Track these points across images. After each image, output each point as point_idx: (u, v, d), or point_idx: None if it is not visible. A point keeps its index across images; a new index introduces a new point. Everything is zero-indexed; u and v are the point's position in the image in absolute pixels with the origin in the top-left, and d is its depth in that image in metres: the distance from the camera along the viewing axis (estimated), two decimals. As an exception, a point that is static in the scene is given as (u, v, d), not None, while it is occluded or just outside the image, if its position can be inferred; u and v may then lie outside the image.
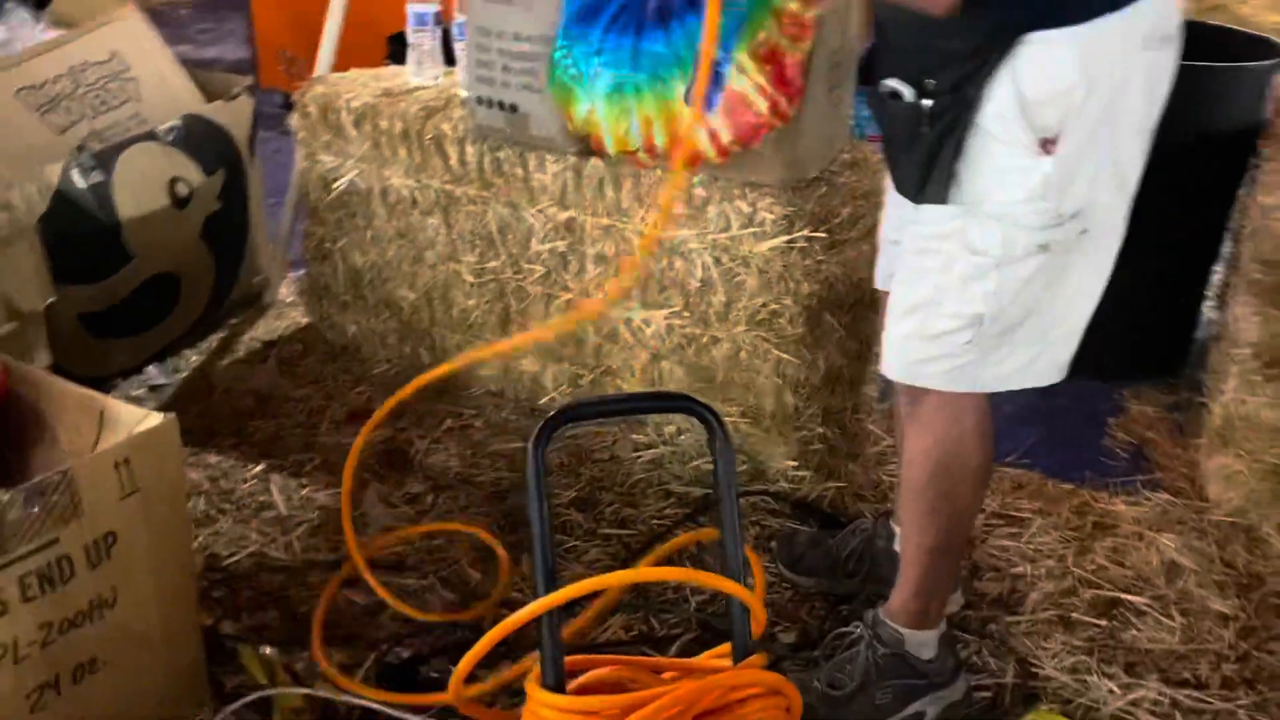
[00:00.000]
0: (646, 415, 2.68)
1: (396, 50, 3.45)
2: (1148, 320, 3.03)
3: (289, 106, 3.04)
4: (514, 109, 2.51)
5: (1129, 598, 2.32)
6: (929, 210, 1.80)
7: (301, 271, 3.14)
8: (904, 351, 1.89)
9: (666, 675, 1.63)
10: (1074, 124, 1.69)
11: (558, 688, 1.55)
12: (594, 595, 2.13)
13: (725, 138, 2.21)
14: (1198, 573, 2.39)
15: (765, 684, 1.58)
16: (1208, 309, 3.15)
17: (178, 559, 1.88)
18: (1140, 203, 1.90)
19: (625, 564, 2.31)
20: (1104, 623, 2.27)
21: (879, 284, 2.12)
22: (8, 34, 2.90)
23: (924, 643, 2.03)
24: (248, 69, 4.42)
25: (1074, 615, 2.29)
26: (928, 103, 1.73)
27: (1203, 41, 2.98)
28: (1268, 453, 2.50)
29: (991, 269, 1.76)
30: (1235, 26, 3.30)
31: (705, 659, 1.71)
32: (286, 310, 3.16)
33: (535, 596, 1.57)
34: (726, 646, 1.68)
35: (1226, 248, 3.08)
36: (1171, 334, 3.12)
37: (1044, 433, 2.71)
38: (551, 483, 2.54)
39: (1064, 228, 1.74)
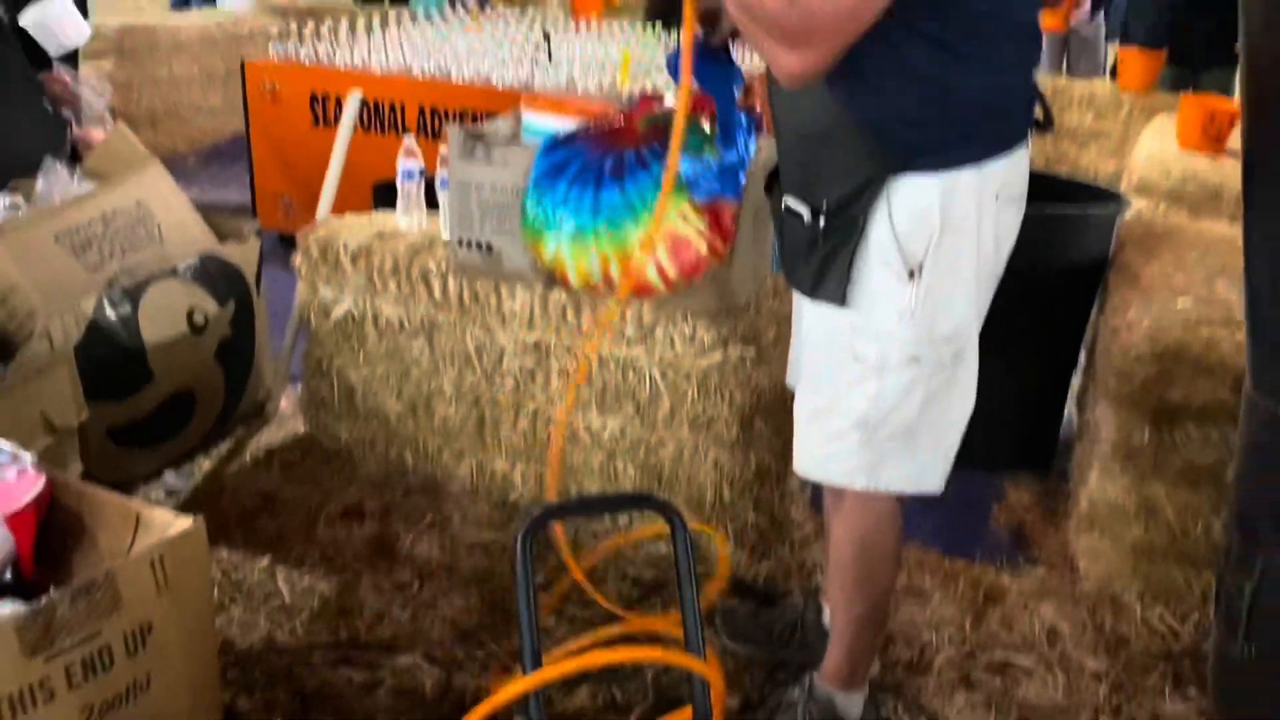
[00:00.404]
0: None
1: (381, 196, 3.47)
2: (1022, 419, 3.09)
3: (285, 243, 3.06)
4: (490, 248, 2.55)
5: (1018, 660, 2.33)
6: (824, 309, 1.82)
7: (300, 386, 3.12)
8: (810, 451, 1.92)
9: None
10: (935, 256, 1.73)
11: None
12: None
13: (671, 273, 2.25)
14: (1073, 637, 2.40)
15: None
16: (1070, 410, 3.20)
17: (204, 644, 1.86)
18: (1014, 322, 1.98)
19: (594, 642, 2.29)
20: (999, 682, 2.28)
21: (789, 382, 2.17)
22: (47, 186, 2.90)
23: (852, 703, 2.04)
24: (248, 211, 4.42)
25: (973, 675, 2.29)
26: (821, 222, 1.76)
27: (1057, 188, 3.13)
28: (1126, 533, 2.53)
29: (872, 376, 1.79)
30: (1079, 176, 3.46)
31: (670, 723, 1.72)
32: (287, 420, 3.12)
33: (524, 673, 1.58)
34: (685, 712, 1.69)
35: (1083, 359, 3.15)
36: (1041, 431, 3.17)
37: (940, 516, 2.70)
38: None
39: (935, 346, 1.78)
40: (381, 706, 2.12)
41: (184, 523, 1.76)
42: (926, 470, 1.86)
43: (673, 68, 1.99)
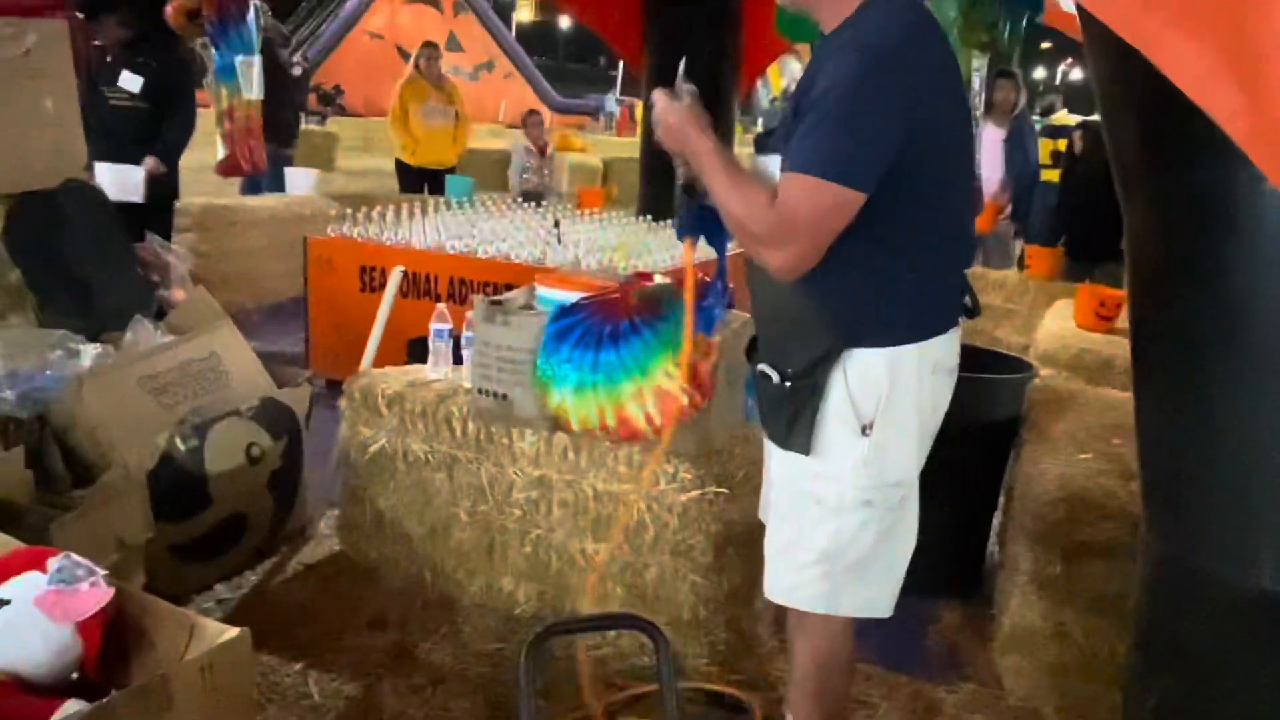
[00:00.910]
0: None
1: (415, 350, 3.48)
2: (952, 551, 3.04)
3: (333, 388, 3.03)
4: (504, 397, 2.55)
5: None
6: (791, 457, 1.80)
7: (336, 511, 3.07)
8: (780, 580, 1.87)
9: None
10: (884, 416, 1.73)
11: None
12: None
13: (658, 421, 2.25)
14: None
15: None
16: (992, 544, 3.16)
17: None
18: (946, 470, 1.97)
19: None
20: None
21: (761, 516, 2.14)
22: (134, 339, 2.91)
23: None
24: (302, 360, 4.42)
25: None
26: (788, 385, 1.77)
27: (979, 358, 3.16)
28: (1043, 653, 2.46)
29: (831, 516, 1.77)
30: (996, 348, 3.50)
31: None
32: (324, 540, 3.06)
33: None
34: None
35: (1002, 501, 3.12)
36: (969, 562, 3.12)
37: (883, 635, 2.61)
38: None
39: (885, 491, 1.76)
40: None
41: (231, 632, 1.70)
42: (878, 597, 1.82)
43: (681, 228, 2.02)
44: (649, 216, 5.34)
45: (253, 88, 5.47)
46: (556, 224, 4.62)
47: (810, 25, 4.23)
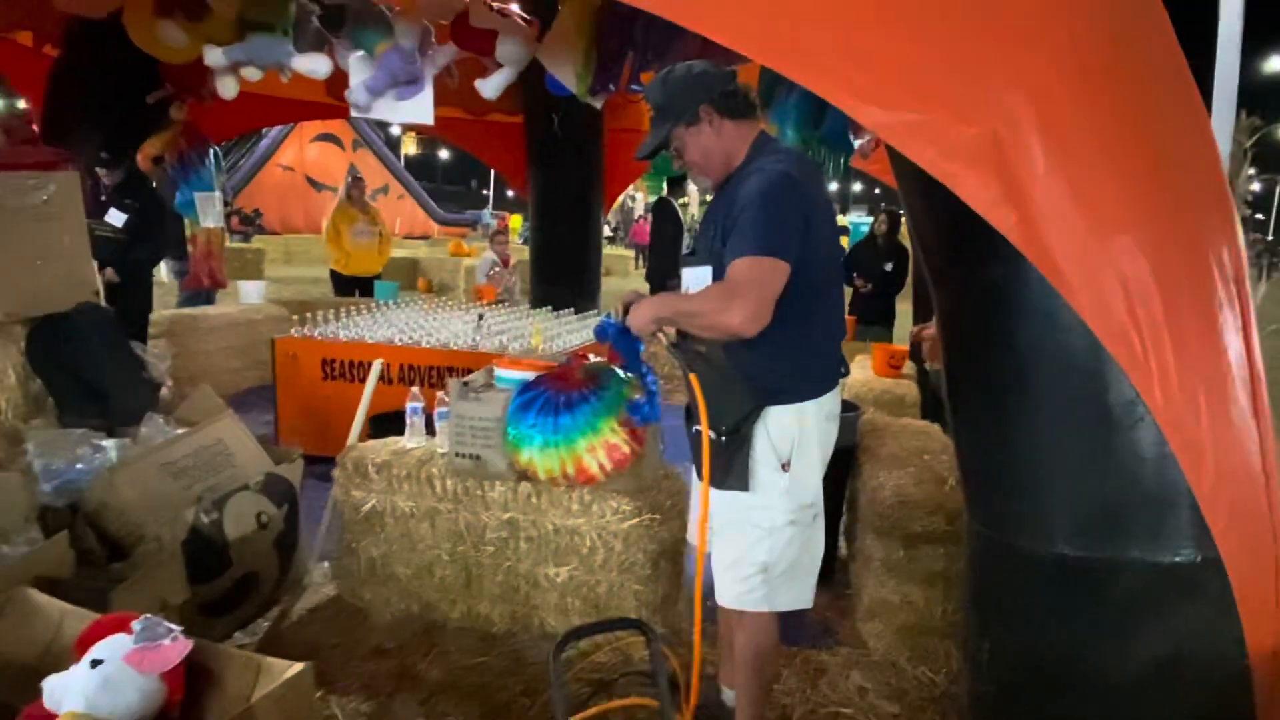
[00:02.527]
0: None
1: (377, 426, 3.40)
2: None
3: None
4: (478, 458, 2.57)
5: (844, 711, 2.35)
6: (730, 495, 1.87)
7: (326, 564, 2.97)
8: (729, 588, 1.93)
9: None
10: (796, 454, 1.86)
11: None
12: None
13: (608, 467, 2.29)
14: (875, 691, 2.44)
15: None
16: (841, 541, 3.31)
17: None
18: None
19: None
20: None
21: (689, 538, 2.22)
22: (150, 430, 2.77)
23: None
24: (271, 439, 4.22)
25: None
26: (724, 439, 1.86)
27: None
28: (895, 619, 2.64)
29: (766, 536, 1.86)
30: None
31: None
32: (320, 589, 2.94)
33: None
34: None
35: (845, 509, 3.27)
36: (826, 558, 3.27)
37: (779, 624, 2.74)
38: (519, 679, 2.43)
39: (802, 511, 1.87)
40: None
41: (297, 667, 1.65)
42: (804, 594, 1.92)
43: (599, 334, 2.11)
44: (549, 307, 5.42)
45: (211, 218, 5.27)
46: (481, 318, 4.64)
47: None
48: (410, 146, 34.80)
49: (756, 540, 1.85)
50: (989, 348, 1.99)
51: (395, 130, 30.92)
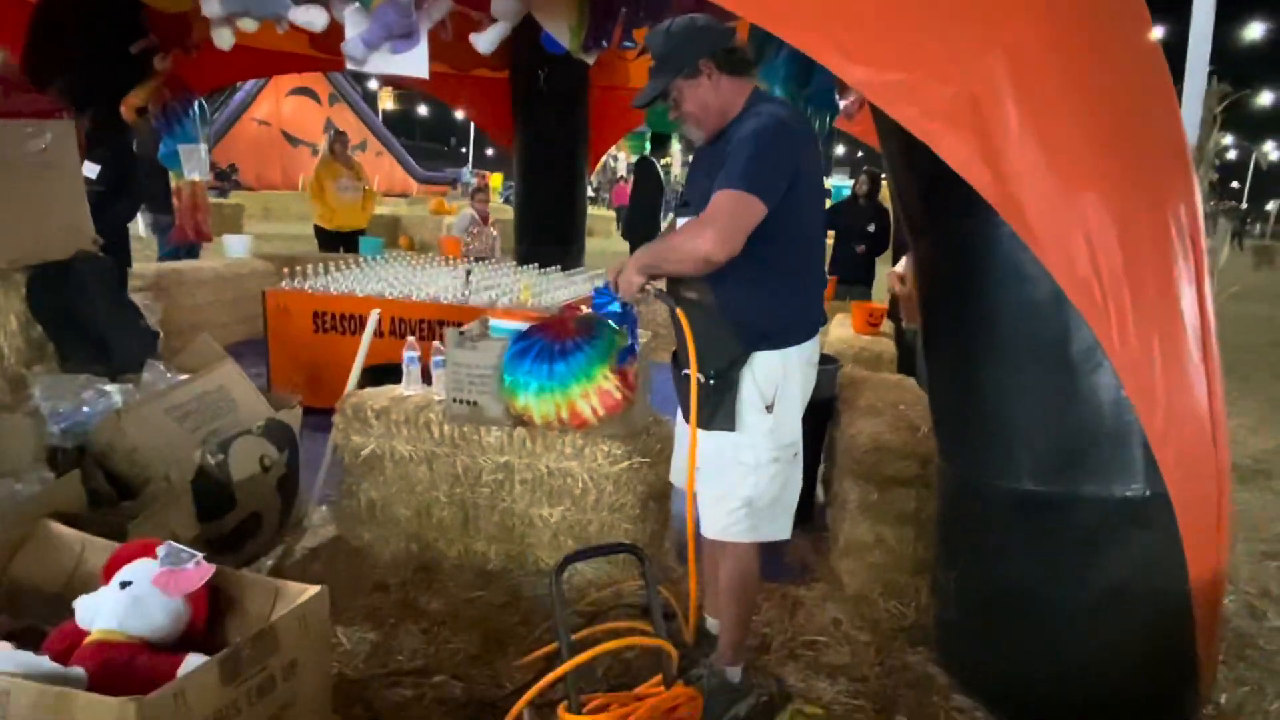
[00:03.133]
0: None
1: (368, 380, 3.45)
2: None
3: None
4: (475, 404, 2.67)
5: (819, 639, 2.48)
6: (717, 435, 1.95)
7: (324, 506, 3.08)
8: (715, 521, 2.02)
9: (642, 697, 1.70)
10: (780, 397, 1.96)
11: (579, 711, 1.62)
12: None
13: (601, 412, 2.38)
14: (849, 622, 2.56)
15: (691, 695, 1.69)
16: (819, 488, 3.43)
17: (325, 673, 1.81)
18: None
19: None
20: (811, 653, 2.41)
21: (671, 479, 2.33)
22: (152, 377, 2.83)
23: (735, 673, 2.14)
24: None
25: (796, 651, 2.42)
26: (712, 382, 1.95)
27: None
28: (868, 557, 2.76)
29: (751, 472, 1.95)
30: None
31: (646, 689, 1.80)
32: (319, 530, 3.04)
33: (562, 661, 1.64)
34: (656, 678, 1.79)
35: (823, 456, 3.40)
36: (806, 502, 3.37)
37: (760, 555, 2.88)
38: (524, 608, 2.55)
39: (784, 450, 1.97)
40: (428, 714, 2.10)
41: (313, 590, 1.76)
42: (783, 526, 2.03)
43: (596, 304, 2.19)
44: (537, 265, 5.48)
45: (195, 170, 5.25)
46: (468, 274, 4.69)
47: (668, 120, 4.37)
48: (387, 102, 34.13)
49: (742, 476, 1.97)
50: (961, 298, 2.12)
51: (373, 85, 30.35)
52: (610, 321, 2.36)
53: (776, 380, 1.94)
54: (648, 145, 8.43)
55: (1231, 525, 2.03)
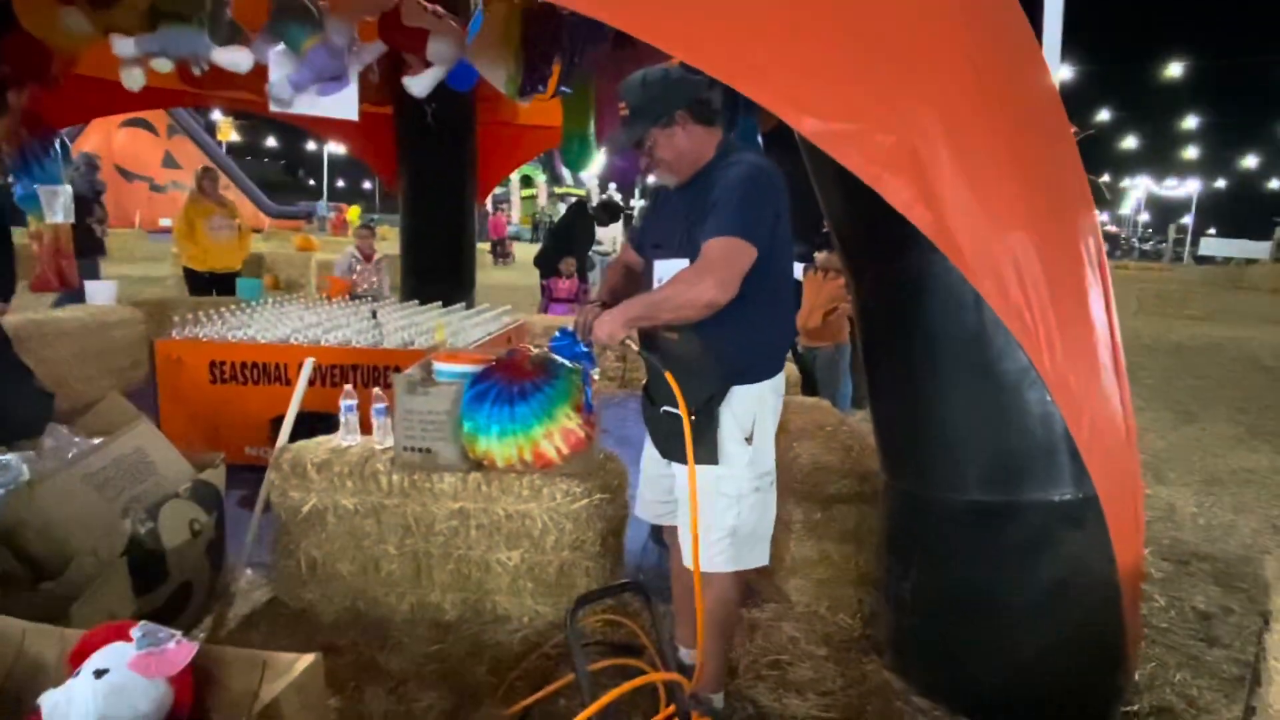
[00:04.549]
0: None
1: (274, 428, 3.29)
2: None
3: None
4: (428, 451, 2.62)
5: (781, 658, 2.57)
6: (699, 468, 1.98)
7: (250, 570, 2.91)
8: (701, 555, 2.04)
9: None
10: (758, 429, 2.06)
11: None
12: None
13: (565, 451, 2.41)
14: (806, 639, 2.66)
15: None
16: None
17: None
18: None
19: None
20: (775, 673, 2.48)
21: (639, 514, 2.37)
22: (55, 442, 2.61)
23: (719, 699, 2.21)
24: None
25: (761, 671, 2.49)
26: (693, 417, 1.99)
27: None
28: (815, 573, 2.90)
29: (734, 503, 2.02)
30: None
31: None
32: (249, 594, 2.86)
33: (588, 702, 1.64)
34: (670, 709, 1.81)
35: None
36: None
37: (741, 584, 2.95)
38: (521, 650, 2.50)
39: (763, 479, 2.05)
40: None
41: (307, 658, 1.69)
42: (762, 553, 2.11)
43: (556, 348, 2.22)
44: (441, 304, 5.39)
45: (57, 214, 4.84)
46: (374, 314, 4.57)
47: (585, 158, 4.53)
48: (229, 133, 32.37)
49: (725, 507, 2.04)
50: (905, 327, 2.31)
51: (215, 116, 28.77)
52: (563, 359, 2.38)
53: (754, 412, 2.04)
54: (541, 176, 8.55)
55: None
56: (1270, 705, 1.53)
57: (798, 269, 5.02)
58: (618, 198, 16.17)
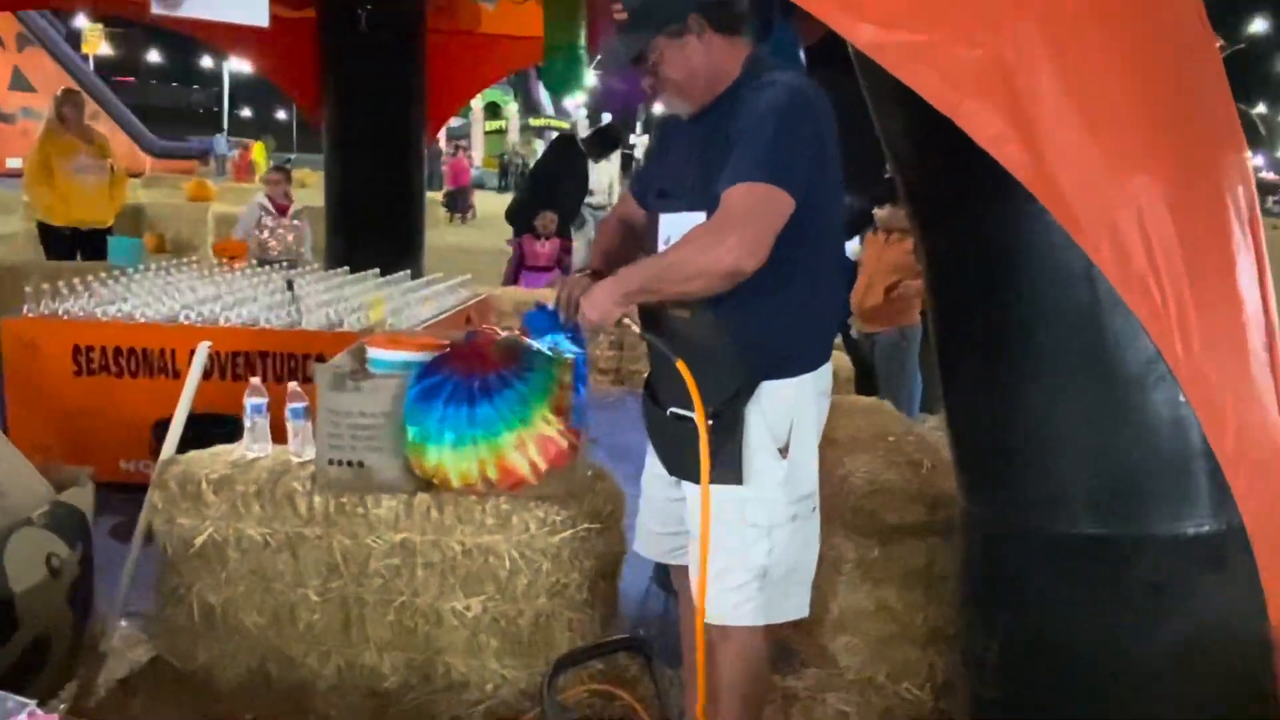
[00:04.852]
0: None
1: (159, 435, 3.29)
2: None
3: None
4: (360, 465, 2.63)
5: None
6: (715, 489, 1.97)
7: (125, 621, 2.92)
8: (720, 603, 2.05)
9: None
10: (795, 435, 2.05)
11: None
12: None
13: (542, 466, 2.43)
14: (856, 715, 2.72)
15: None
16: None
17: None
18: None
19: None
20: None
21: (640, 549, 2.38)
22: None
23: None
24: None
25: None
26: (710, 422, 1.96)
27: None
28: (870, 629, 2.93)
29: (764, 535, 2.03)
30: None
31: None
32: (127, 652, 2.88)
33: None
34: None
35: None
36: None
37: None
38: None
39: (803, 503, 2.06)
40: None
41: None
42: (801, 601, 2.12)
43: (530, 329, 2.22)
44: (378, 273, 5.39)
45: None
46: (290, 285, 4.58)
47: (574, 80, 4.57)
48: (99, 45, 32.38)
49: (753, 541, 2.04)
50: (989, 302, 2.30)
51: (80, 23, 28.77)
52: (538, 345, 2.38)
53: (791, 415, 2.04)
54: (512, 104, 8.58)
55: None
56: None
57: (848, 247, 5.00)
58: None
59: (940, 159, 2.32)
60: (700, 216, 1.94)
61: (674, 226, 2.04)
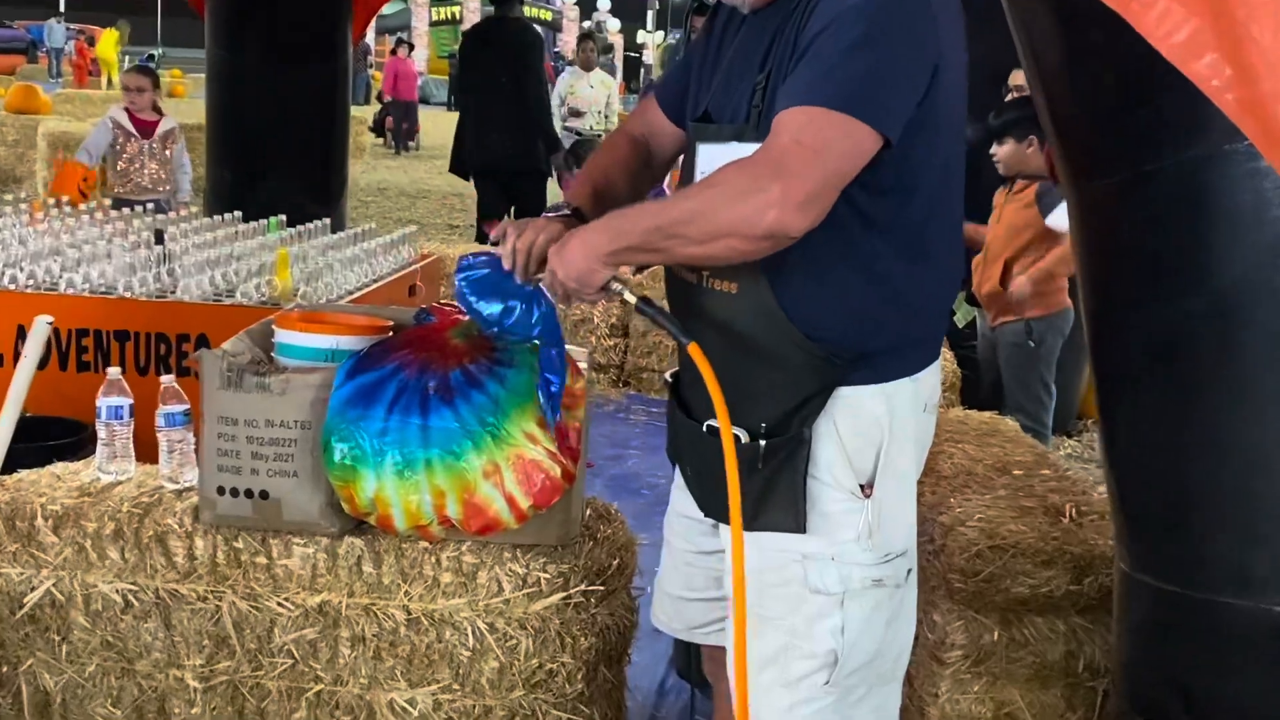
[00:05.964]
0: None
1: None
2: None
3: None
4: (264, 495, 2.62)
5: None
6: (764, 539, 1.99)
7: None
8: (770, 705, 2.05)
9: None
10: (883, 468, 2.03)
11: None
12: None
13: (524, 504, 2.43)
14: None
15: None
16: None
17: None
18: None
19: None
20: None
21: (660, 624, 2.39)
22: None
23: None
24: None
25: None
26: (762, 443, 1.98)
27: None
28: None
29: (836, 607, 2.02)
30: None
31: None
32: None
33: None
34: None
35: None
36: None
37: None
38: None
39: (893, 565, 2.06)
40: None
41: None
42: (890, 702, 2.12)
43: (463, 290, 2.22)
44: (284, 217, 5.40)
45: None
46: (159, 237, 4.59)
47: None
48: None
49: (819, 614, 2.03)
50: (1171, 285, 2.30)
51: None
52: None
53: (879, 437, 2.05)
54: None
55: None
56: None
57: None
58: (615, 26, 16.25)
59: (1103, 85, 2.32)
60: (744, 148, 1.91)
61: (715, 163, 2.00)
